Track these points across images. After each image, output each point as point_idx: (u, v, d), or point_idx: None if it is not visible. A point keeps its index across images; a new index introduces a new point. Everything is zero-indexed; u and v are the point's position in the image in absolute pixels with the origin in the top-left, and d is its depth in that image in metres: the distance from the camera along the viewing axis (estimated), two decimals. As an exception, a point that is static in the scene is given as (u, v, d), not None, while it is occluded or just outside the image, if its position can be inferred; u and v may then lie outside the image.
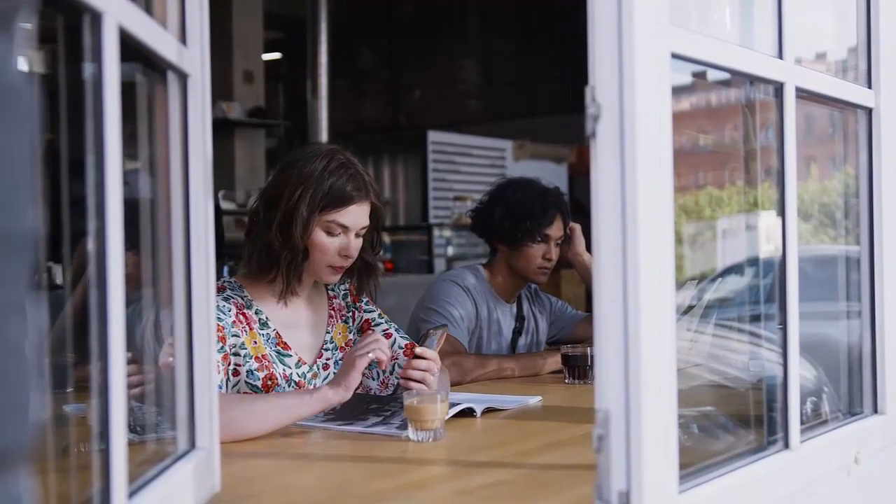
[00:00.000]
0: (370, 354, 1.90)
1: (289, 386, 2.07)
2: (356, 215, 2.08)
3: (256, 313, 2.10)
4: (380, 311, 2.30)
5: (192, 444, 1.30)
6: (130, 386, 1.37)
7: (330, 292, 2.26)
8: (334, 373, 2.15)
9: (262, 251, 2.08)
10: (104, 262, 0.95)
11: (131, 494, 1.02)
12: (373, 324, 2.26)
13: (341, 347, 2.22)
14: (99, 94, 0.95)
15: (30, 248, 0.55)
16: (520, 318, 3.02)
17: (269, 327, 2.10)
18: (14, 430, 0.52)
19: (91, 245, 0.96)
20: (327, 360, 2.18)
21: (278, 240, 2.04)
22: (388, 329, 2.26)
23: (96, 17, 0.94)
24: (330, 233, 2.06)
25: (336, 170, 2.05)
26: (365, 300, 2.29)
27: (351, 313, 2.27)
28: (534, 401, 2.25)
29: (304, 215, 2.02)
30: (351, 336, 2.24)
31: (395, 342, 2.23)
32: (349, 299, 2.28)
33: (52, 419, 1.21)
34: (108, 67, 0.95)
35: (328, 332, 2.21)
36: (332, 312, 2.24)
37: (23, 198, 0.53)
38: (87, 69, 0.96)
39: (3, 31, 0.53)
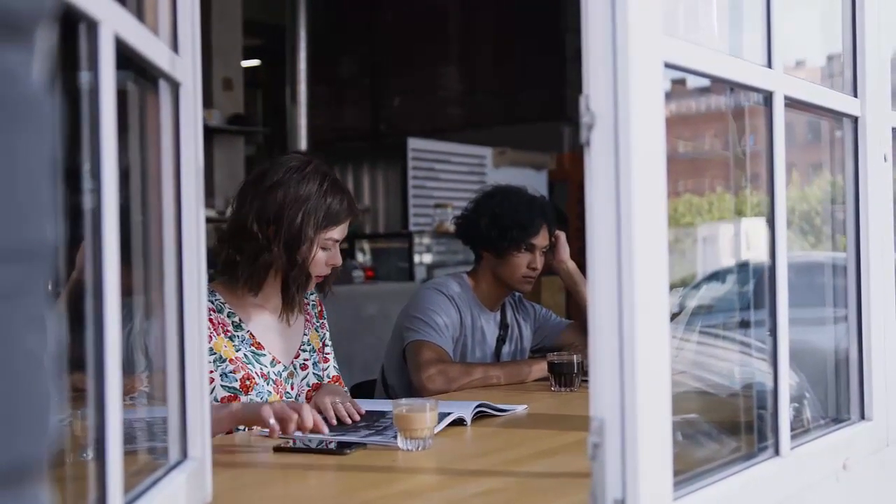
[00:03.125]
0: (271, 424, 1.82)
1: (267, 384, 2.14)
2: (345, 228, 2.21)
3: (229, 316, 2.16)
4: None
5: (185, 455, 1.29)
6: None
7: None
8: (313, 373, 2.27)
9: (258, 268, 2.12)
10: (100, 271, 0.94)
11: (126, 506, 1.01)
12: (325, 344, 2.37)
13: (317, 350, 2.32)
14: (95, 102, 0.94)
15: (49, 260, 0.54)
16: (504, 327, 3.01)
17: (243, 329, 2.17)
18: (35, 443, 0.51)
19: (86, 253, 0.95)
20: (305, 360, 2.27)
21: (283, 260, 2.11)
22: (329, 354, 2.38)
23: (92, 26, 0.93)
24: (325, 248, 2.17)
25: (330, 190, 2.16)
26: (324, 318, 2.40)
27: (321, 323, 2.38)
28: (520, 409, 2.25)
29: (310, 237, 2.13)
30: (321, 343, 2.35)
31: (327, 368, 2.35)
32: (315, 311, 2.37)
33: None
34: (105, 75, 0.95)
35: (305, 335, 2.30)
36: (308, 317, 2.34)
37: (43, 209, 0.52)
38: (83, 77, 0.95)
39: (24, 43, 0.53)
